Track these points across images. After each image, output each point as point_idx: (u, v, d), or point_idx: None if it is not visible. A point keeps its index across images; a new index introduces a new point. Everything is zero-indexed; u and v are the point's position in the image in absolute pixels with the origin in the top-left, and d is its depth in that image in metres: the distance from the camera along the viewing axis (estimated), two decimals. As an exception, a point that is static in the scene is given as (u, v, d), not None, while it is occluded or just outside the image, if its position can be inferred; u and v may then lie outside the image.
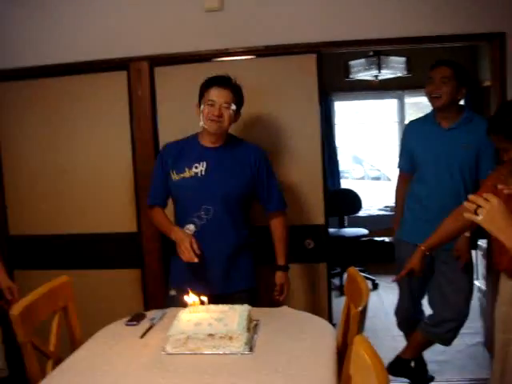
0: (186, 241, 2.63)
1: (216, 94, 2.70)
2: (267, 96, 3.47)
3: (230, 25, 3.45)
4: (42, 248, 3.66)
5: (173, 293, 2.86)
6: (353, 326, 2.02)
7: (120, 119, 3.53)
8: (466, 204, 1.86)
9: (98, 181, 3.58)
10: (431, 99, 3.29)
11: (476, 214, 1.81)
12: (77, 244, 3.62)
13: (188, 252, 2.61)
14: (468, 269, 3.34)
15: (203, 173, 2.75)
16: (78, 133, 3.58)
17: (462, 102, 3.39)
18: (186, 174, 2.76)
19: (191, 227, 2.78)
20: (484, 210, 1.79)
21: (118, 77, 3.52)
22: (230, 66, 3.45)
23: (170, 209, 2.91)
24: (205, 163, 2.77)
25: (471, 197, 1.86)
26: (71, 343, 2.55)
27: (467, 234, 3.24)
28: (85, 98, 3.57)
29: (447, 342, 3.46)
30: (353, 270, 2.45)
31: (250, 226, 2.92)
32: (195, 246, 2.61)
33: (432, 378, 3.68)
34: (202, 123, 2.75)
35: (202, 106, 2.74)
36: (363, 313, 2.04)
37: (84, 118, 3.57)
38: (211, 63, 3.50)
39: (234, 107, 2.72)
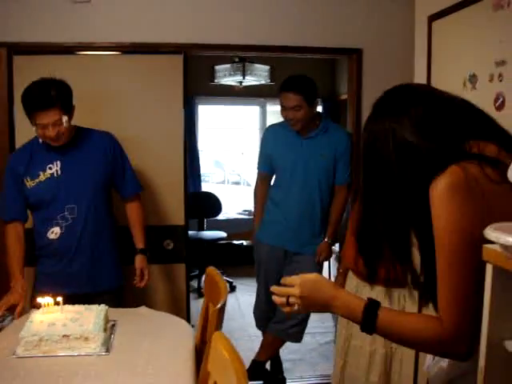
0: (5, 300, 2.55)
1: (40, 118, 2.50)
2: (131, 94, 3.42)
3: (96, 18, 3.35)
4: None
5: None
6: (211, 323, 2.05)
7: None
8: (275, 299, 1.58)
9: None
10: (288, 122, 3.39)
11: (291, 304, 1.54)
12: None
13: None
14: (314, 269, 3.51)
15: (59, 172, 2.65)
16: None
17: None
18: (42, 177, 2.64)
19: (56, 230, 2.68)
20: (296, 299, 1.52)
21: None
22: (94, 60, 3.39)
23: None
24: (59, 162, 2.67)
25: (275, 289, 1.61)
26: None
27: (328, 240, 3.48)
28: None
29: (294, 338, 3.61)
30: (211, 269, 2.48)
31: (114, 223, 2.87)
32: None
33: (284, 380, 3.80)
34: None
35: (34, 127, 2.56)
36: (221, 310, 2.07)
37: None
38: (75, 56, 3.39)
39: (65, 119, 2.54)
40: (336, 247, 4.10)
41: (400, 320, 1.35)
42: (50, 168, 2.63)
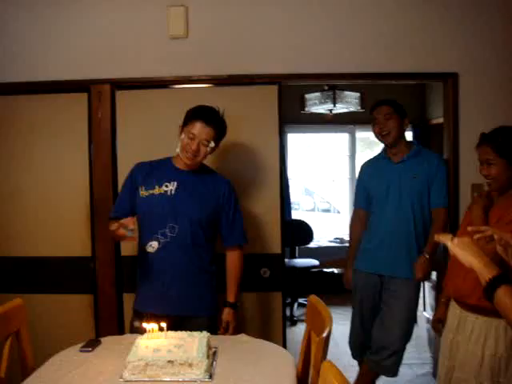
0: (115, 224, 2.59)
1: (198, 129, 2.69)
2: (228, 126, 3.48)
3: (193, 52, 3.47)
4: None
5: (137, 324, 2.77)
6: (317, 352, 2.02)
7: (79, 142, 3.48)
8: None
9: (53, 204, 3.50)
10: (381, 138, 3.48)
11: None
12: (28, 267, 3.51)
13: (118, 226, 2.55)
14: (411, 296, 3.45)
15: (173, 192, 2.75)
16: (35, 153, 3.50)
17: (409, 138, 3.52)
18: (156, 190, 2.75)
19: (154, 244, 2.76)
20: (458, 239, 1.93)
21: (79, 98, 3.48)
22: (191, 93, 3.48)
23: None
24: (175, 183, 2.78)
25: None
26: (22, 370, 2.47)
27: (427, 256, 3.36)
28: (43, 118, 3.50)
29: (388, 371, 3.51)
30: (314, 297, 2.46)
31: (213, 255, 2.90)
32: (124, 222, 2.54)
33: None
34: (178, 150, 2.76)
35: (182, 135, 2.73)
36: (327, 339, 2.05)
37: (42, 139, 3.50)
38: (173, 90, 3.51)
39: (212, 145, 2.73)
40: (433, 276, 3.98)
41: None
42: (167, 186, 2.74)
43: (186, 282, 2.80)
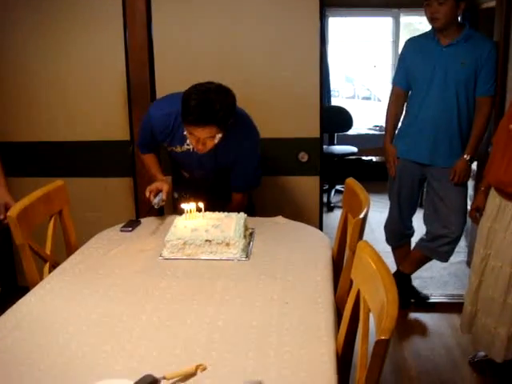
0: (148, 189, 2.68)
1: (197, 132, 2.37)
2: (265, 7, 3.33)
3: None
4: (33, 155, 3.58)
5: (175, 195, 3.01)
6: (353, 233, 2.03)
7: (113, 24, 3.37)
8: None
9: (90, 88, 3.46)
10: (431, 20, 3.23)
11: None
12: (69, 152, 3.55)
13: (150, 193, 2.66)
14: (460, 186, 3.37)
15: (195, 149, 2.58)
16: (70, 39, 3.42)
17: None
18: (178, 149, 2.69)
19: (186, 174, 2.90)
20: None
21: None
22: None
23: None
24: None
25: None
26: (67, 248, 2.56)
27: (466, 157, 3.27)
28: (76, 2, 3.41)
29: (443, 257, 3.54)
30: (351, 180, 2.44)
31: None
32: (151, 197, 2.64)
33: (427, 297, 3.79)
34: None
35: (185, 129, 2.46)
36: (364, 220, 2.05)
37: (76, 23, 3.39)
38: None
39: (218, 136, 2.42)
40: (474, 165, 3.91)
41: None
42: (188, 144, 2.63)
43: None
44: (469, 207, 3.25)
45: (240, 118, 2.55)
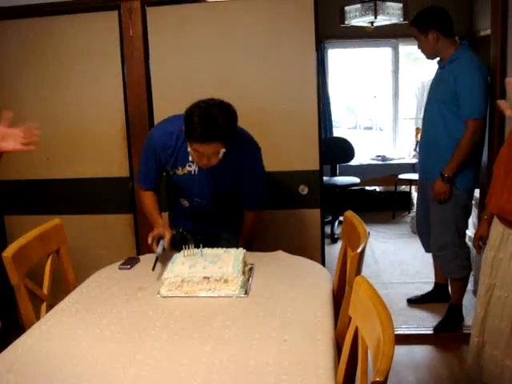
0: (150, 236, 2.57)
1: (201, 148, 2.36)
2: (262, 40, 3.36)
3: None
4: (31, 193, 3.59)
5: (173, 232, 2.75)
6: (351, 267, 2.01)
7: (111, 60, 3.40)
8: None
9: (88, 124, 3.48)
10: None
11: None
12: (68, 189, 3.55)
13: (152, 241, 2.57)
14: (444, 204, 3.47)
15: (196, 172, 2.62)
16: (68, 75, 3.45)
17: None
18: (180, 171, 2.66)
19: (185, 202, 2.81)
20: None
21: (109, 16, 3.38)
22: (221, 7, 3.34)
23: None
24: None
25: None
26: (65, 287, 2.54)
27: (442, 176, 3.38)
28: (74, 38, 3.42)
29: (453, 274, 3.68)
30: (350, 213, 2.42)
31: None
32: (154, 247, 2.55)
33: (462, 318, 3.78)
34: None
35: (189, 146, 2.43)
36: (362, 254, 2.03)
37: (74, 60, 3.43)
38: (205, 4, 3.38)
39: (222, 151, 2.40)
40: (476, 193, 3.88)
41: None
42: (190, 166, 2.62)
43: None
44: (471, 234, 3.24)
45: (239, 133, 2.55)
